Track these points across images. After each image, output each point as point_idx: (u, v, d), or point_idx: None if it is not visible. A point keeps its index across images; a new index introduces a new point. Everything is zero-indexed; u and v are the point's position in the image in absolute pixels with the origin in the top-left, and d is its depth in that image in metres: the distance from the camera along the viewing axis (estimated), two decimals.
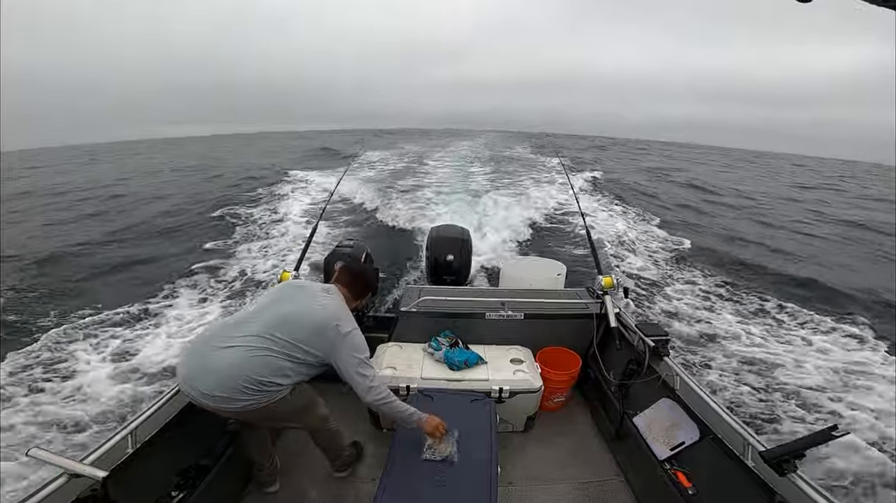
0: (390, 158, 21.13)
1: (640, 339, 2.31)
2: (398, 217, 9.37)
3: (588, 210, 11.26)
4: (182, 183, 17.01)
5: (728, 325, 5.51)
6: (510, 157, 23.51)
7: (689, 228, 10.63)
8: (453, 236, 3.71)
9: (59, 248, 8.56)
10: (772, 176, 29.14)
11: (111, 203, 13.34)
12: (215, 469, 1.87)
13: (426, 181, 14.41)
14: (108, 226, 10.45)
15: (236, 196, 12.87)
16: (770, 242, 10.07)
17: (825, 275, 7.68)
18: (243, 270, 6.95)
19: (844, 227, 12.82)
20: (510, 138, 41.94)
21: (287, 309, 1.73)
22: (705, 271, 7.50)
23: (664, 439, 1.99)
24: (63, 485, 1.29)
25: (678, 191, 17.30)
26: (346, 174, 4.75)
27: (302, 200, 11.70)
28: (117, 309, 5.51)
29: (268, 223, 9.73)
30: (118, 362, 4.32)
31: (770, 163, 44.80)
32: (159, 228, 10.05)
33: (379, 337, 2.67)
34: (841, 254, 9.74)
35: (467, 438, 1.77)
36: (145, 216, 11.27)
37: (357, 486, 2.13)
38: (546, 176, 16.05)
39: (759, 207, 15.05)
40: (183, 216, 11.06)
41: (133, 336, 4.88)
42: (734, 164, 36.47)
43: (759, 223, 12.42)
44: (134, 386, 3.84)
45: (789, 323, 5.75)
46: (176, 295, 6.05)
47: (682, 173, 23.73)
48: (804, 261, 8.83)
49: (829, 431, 1.34)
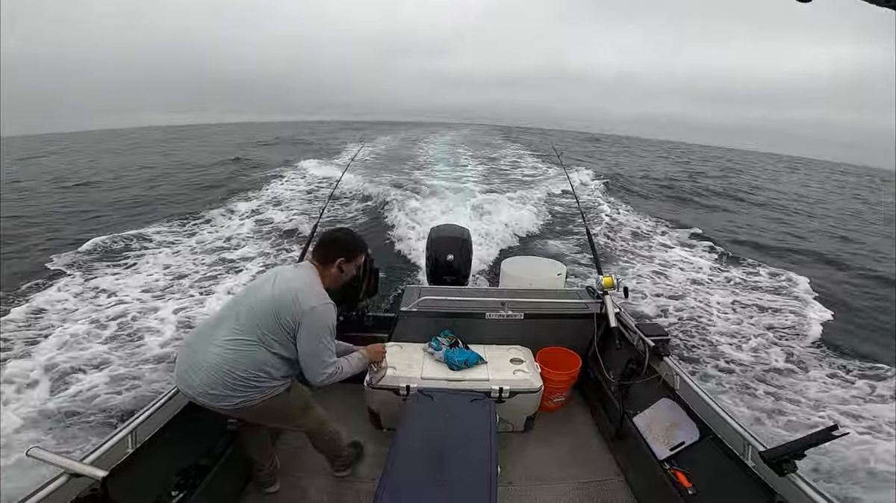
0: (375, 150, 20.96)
1: (640, 339, 2.31)
2: (397, 216, 9.38)
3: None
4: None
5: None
6: (503, 154, 23.63)
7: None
8: (453, 236, 3.70)
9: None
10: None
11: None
12: (215, 469, 1.87)
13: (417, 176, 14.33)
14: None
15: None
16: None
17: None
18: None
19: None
20: (491, 131, 42.03)
21: (256, 298, 1.66)
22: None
23: (664, 439, 1.99)
24: (63, 485, 1.29)
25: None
26: (347, 170, 4.74)
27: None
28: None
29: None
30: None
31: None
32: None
33: (379, 337, 2.67)
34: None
35: (467, 438, 1.77)
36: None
37: (357, 486, 2.13)
38: (544, 174, 16.10)
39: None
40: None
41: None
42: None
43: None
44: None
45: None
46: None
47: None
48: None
49: (829, 431, 1.35)
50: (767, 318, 5.93)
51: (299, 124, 72.38)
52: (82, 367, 4.23)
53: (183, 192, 13.04)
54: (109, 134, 51.90)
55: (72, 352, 4.44)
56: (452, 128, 49.36)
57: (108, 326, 5.01)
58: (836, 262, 9.23)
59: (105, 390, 3.91)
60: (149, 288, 6.12)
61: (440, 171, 16.22)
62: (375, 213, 10.15)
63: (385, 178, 13.81)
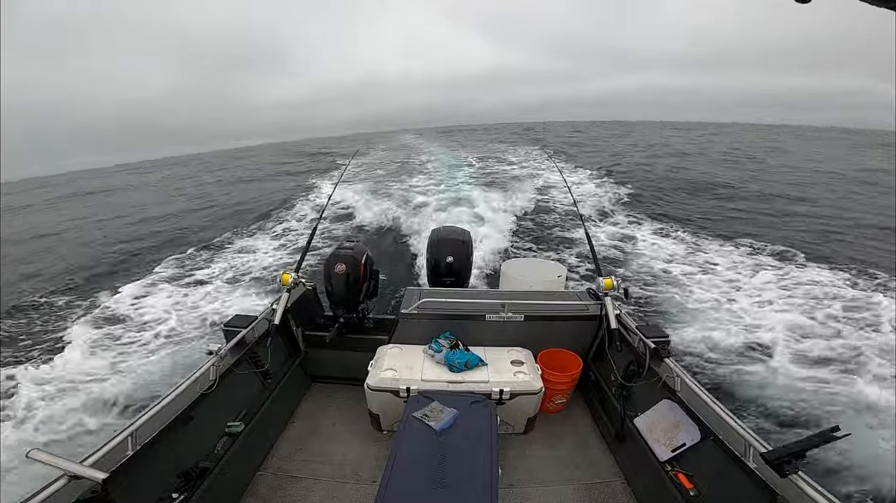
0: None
1: (640, 341, 2.31)
2: (398, 218, 9.41)
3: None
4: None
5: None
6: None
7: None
8: (453, 238, 3.70)
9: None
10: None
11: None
12: (215, 471, 1.86)
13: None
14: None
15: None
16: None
17: None
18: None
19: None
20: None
21: None
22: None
23: (665, 441, 1.99)
24: (63, 487, 1.29)
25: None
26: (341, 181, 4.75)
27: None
28: None
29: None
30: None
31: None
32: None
33: (379, 339, 2.67)
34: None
35: (468, 440, 1.77)
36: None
37: (358, 488, 2.12)
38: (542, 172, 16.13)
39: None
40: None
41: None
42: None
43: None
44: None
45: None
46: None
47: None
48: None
49: (831, 432, 1.34)
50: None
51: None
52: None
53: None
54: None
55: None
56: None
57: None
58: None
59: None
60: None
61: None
62: (374, 216, 10.19)
63: (379, 184, 13.87)
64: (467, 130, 60.84)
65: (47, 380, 4.71)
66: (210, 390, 1.97)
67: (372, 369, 2.37)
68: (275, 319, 2.44)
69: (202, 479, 1.78)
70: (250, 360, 2.36)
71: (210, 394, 1.96)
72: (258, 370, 2.39)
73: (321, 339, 2.67)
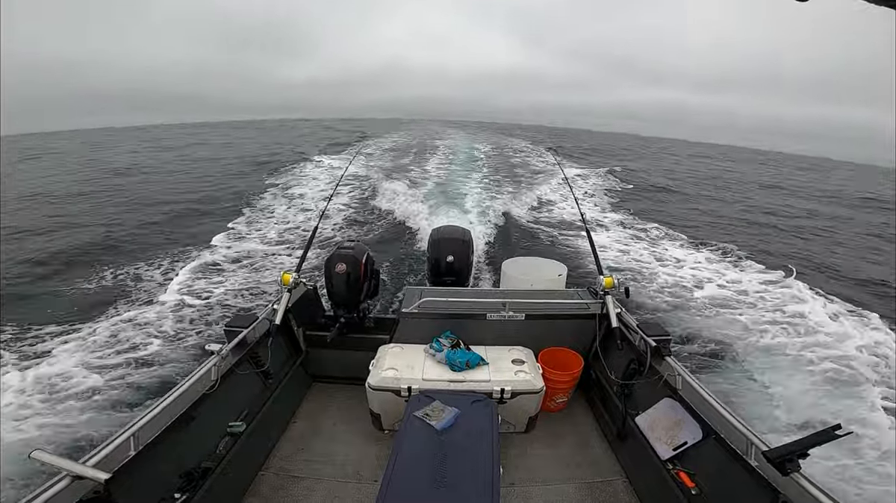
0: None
1: (641, 339, 2.31)
2: (398, 217, 9.40)
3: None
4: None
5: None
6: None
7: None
8: (454, 237, 3.70)
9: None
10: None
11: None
12: (217, 471, 1.86)
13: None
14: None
15: None
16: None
17: None
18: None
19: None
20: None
21: None
22: None
23: (667, 439, 1.98)
24: (66, 488, 1.29)
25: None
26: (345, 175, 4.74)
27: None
28: None
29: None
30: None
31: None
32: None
33: (380, 338, 2.67)
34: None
35: (469, 439, 1.77)
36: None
37: (360, 486, 2.13)
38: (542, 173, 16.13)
39: None
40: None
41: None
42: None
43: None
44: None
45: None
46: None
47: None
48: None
49: (832, 430, 1.34)
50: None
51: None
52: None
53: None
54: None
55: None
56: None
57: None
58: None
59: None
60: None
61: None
62: (374, 214, 10.18)
63: (383, 176, 13.88)
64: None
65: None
66: (211, 390, 1.97)
67: (373, 369, 2.37)
68: (276, 319, 2.44)
69: (204, 479, 1.78)
70: (251, 360, 2.36)
71: (211, 394, 1.96)
72: (259, 370, 2.39)
73: (322, 339, 2.67)
